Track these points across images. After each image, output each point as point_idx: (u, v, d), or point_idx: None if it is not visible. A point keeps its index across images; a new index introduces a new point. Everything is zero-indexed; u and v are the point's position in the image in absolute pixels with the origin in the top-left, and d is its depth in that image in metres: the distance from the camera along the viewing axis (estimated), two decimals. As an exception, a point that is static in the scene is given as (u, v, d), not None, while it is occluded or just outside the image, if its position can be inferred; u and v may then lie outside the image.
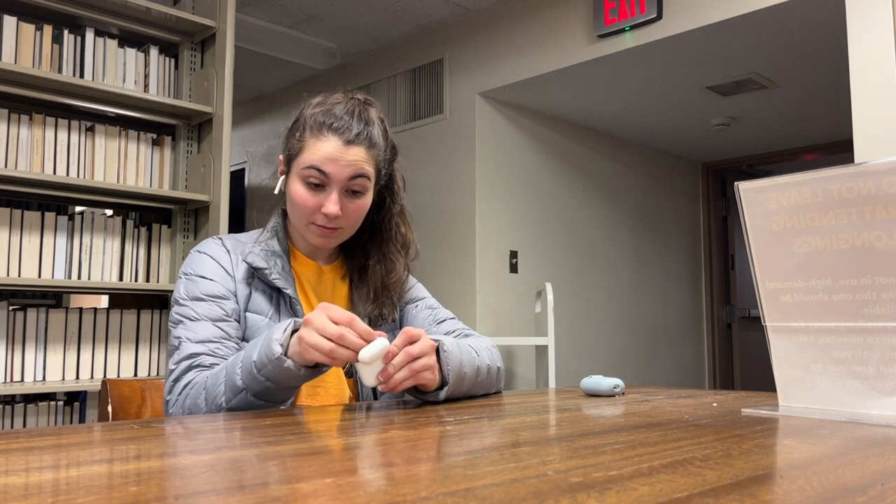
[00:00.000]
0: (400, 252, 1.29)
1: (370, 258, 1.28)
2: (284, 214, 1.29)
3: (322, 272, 1.28)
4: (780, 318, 0.92)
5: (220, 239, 1.25)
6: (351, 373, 1.24)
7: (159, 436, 0.75)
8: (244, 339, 1.18)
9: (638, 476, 0.52)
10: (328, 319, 0.95)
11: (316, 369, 1.00)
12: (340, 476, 0.53)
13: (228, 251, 1.22)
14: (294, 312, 1.19)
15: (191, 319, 1.14)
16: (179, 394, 1.08)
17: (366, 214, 1.24)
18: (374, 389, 1.21)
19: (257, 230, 1.29)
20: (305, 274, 1.27)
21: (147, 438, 0.72)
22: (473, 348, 1.17)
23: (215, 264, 1.20)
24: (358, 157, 1.17)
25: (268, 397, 1.01)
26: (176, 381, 1.10)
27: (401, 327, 1.32)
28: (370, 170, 1.19)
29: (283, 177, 1.23)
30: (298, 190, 1.18)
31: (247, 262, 1.19)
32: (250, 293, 1.19)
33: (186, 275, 1.20)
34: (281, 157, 1.24)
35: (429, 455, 0.63)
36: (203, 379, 1.07)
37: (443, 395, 1.04)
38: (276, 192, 1.24)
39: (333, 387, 1.21)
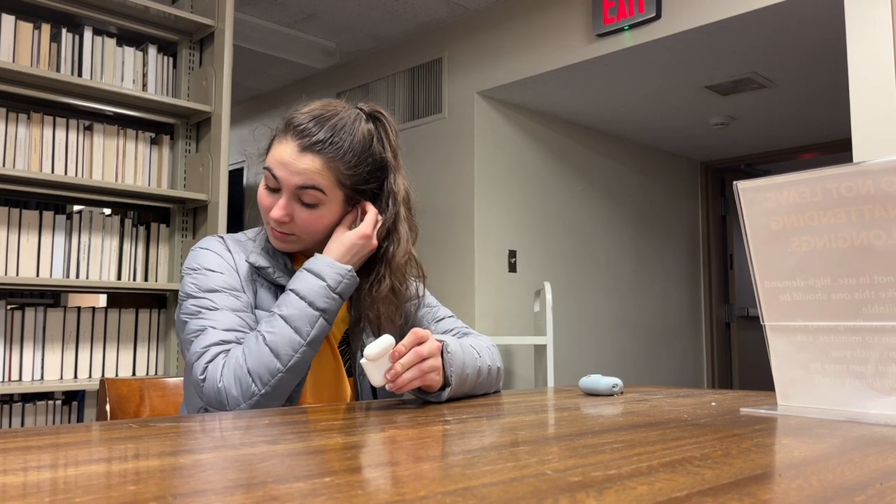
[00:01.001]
0: (401, 277, 1.23)
1: (370, 278, 1.21)
2: None
3: None
4: (779, 317, 0.92)
5: (222, 238, 1.24)
6: (351, 372, 1.24)
7: (157, 435, 0.75)
8: None
9: (637, 475, 0.52)
10: (348, 235, 1.16)
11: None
12: (339, 475, 0.53)
13: (230, 251, 1.22)
14: None
15: (210, 310, 1.11)
16: (223, 368, 1.05)
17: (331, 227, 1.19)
18: (373, 389, 1.20)
19: (255, 228, 1.29)
20: None
21: (145, 438, 0.72)
22: (475, 349, 1.16)
23: (221, 260, 1.19)
24: (310, 166, 1.12)
25: (331, 319, 1.13)
26: (210, 361, 1.06)
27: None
28: (324, 182, 1.13)
29: None
30: (260, 189, 1.18)
31: (249, 263, 1.18)
32: (256, 290, 1.19)
33: (194, 269, 1.17)
34: None
35: (428, 454, 0.63)
36: (241, 348, 1.06)
37: (445, 395, 1.05)
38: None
39: (334, 386, 1.21)
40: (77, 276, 2.63)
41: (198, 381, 1.07)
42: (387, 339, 0.97)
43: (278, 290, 1.19)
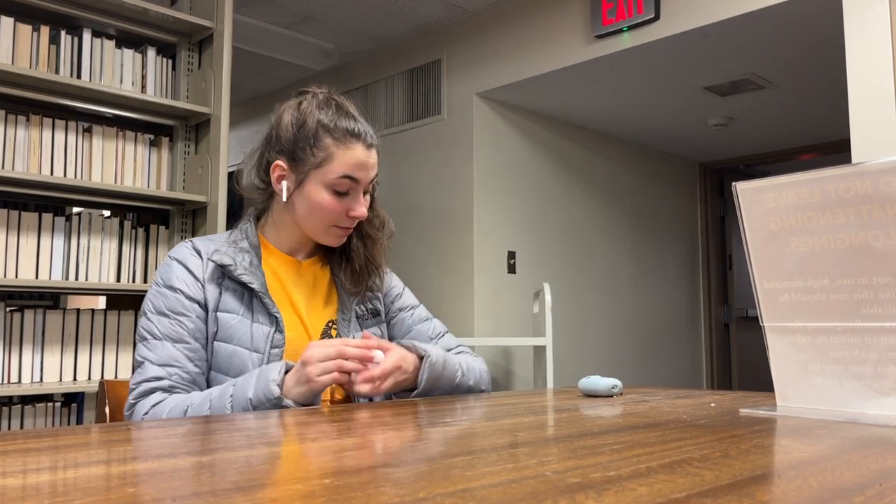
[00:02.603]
0: (378, 229, 1.34)
1: (351, 240, 1.31)
2: (256, 215, 1.33)
3: (301, 266, 1.30)
4: (778, 318, 0.92)
5: (191, 242, 1.26)
6: None
7: (157, 437, 0.75)
8: (218, 338, 1.19)
9: (636, 476, 0.52)
10: (322, 348, 1.07)
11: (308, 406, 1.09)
12: (338, 477, 0.53)
13: (199, 252, 1.23)
14: (265, 307, 1.20)
15: (154, 338, 1.17)
16: (145, 414, 1.12)
17: None
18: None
19: (229, 230, 1.32)
20: (285, 269, 1.28)
21: (144, 440, 0.72)
22: (462, 368, 1.24)
23: (183, 271, 1.21)
24: (376, 158, 1.24)
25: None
26: (137, 399, 1.13)
27: (390, 329, 1.37)
28: None
29: (284, 182, 1.23)
30: (325, 197, 1.20)
31: (213, 261, 1.20)
32: (220, 293, 1.20)
33: (157, 285, 1.21)
34: (283, 163, 1.23)
35: (427, 455, 0.63)
36: (174, 403, 1.10)
37: (412, 395, 1.17)
38: (284, 199, 1.24)
39: None
40: (76, 278, 2.63)
41: (125, 411, 1.14)
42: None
43: (245, 290, 1.21)
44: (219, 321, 1.19)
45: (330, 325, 1.27)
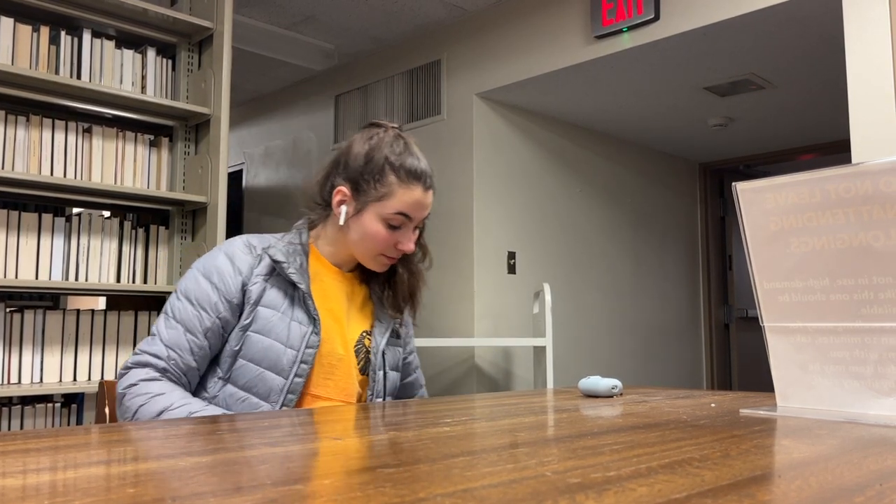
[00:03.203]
0: (422, 262, 1.42)
1: (397, 269, 1.39)
2: (309, 223, 1.38)
3: (343, 276, 1.38)
4: (778, 318, 0.92)
5: (247, 237, 1.34)
6: (365, 370, 1.32)
7: (156, 438, 0.75)
8: (254, 330, 1.25)
9: (636, 477, 0.52)
10: None
11: None
12: (338, 477, 0.53)
13: (253, 247, 1.30)
14: (306, 307, 1.27)
15: (174, 318, 1.24)
16: (133, 385, 1.18)
17: None
18: (385, 387, 1.34)
19: (282, 233, 1.38)
20: (329, 276, 1.35)
21: (144, 440, 0.72)
22: None
23: (228, 266, 1.27)
24: (432, 199, 1.32)
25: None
26: (135, 365, 1.21)
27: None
28: None
29: (343, 206, 1.31)
30: (379, 229, 1.28)
31: (268, 255, 1.27)
32: (265, 289, 1.27)
33: (197, 268, 1.29)
34: (346, 189, 1.30)
35: (427, 456, 0.63)
36: (158, 391, 1.17)
37: None
38: (341, 223, 1.31)
39: (344, 381, 1.29)
40: (76, 279, 2.63)
41: (121, 369, 1.24)
42: None
43: (290, 287, 1.28)
44: (258, 315, 1.25)
45: (364, 334, 1.35)
